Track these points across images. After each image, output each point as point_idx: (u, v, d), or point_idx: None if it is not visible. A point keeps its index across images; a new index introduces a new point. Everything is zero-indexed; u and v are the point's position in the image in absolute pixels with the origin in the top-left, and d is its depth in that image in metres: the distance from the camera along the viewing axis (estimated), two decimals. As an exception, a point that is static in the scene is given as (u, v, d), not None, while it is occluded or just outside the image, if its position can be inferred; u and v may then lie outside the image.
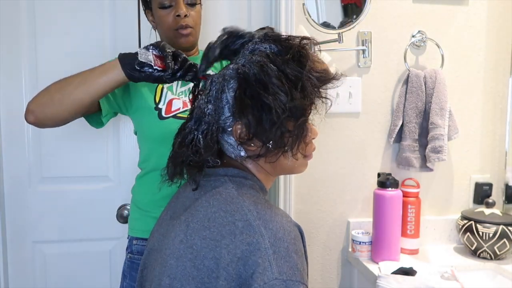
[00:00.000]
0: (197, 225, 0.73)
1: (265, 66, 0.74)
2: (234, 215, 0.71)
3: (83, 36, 1.45)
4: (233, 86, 0.76)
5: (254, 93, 0.73)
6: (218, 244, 0.69)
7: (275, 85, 0.72)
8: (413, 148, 1.51)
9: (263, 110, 0.73)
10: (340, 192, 1.56)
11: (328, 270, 1.58)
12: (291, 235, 0.71)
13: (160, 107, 1.15)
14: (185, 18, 1.16)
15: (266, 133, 0.74)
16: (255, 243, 0.67)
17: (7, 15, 1.40)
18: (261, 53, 0.77)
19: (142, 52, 0.97)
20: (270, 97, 0.72)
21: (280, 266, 0.66)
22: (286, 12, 1.44)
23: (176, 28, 1.17)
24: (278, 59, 0.75)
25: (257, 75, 0.73)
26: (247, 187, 0.78)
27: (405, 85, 1.52)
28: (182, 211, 0.80)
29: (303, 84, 0.74)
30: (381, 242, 1.42)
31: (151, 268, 0.81)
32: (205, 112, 0.78)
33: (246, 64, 0.76)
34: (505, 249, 1.42)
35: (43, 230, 1.48)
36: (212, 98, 0.78)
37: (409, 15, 1.54)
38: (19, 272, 1.48)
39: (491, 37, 1.59)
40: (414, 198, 1.49)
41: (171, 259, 0.73)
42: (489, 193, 1.61)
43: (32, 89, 1.42)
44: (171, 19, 1.16)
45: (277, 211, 0.74)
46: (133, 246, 1.21)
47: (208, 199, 0.76)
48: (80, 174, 1.50)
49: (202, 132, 0.77)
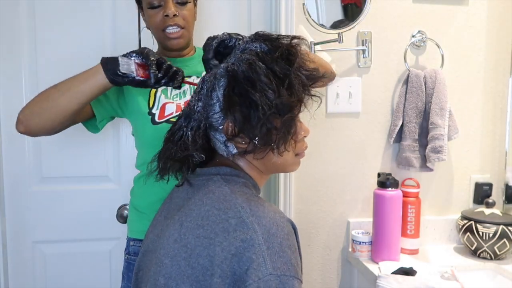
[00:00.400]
0: (191, 224, 0.73)
1: (253, 64, 0.74)
2: (227, 213, 0.72)
3: (83, 36, 1.45)
4: (223, 84, 0.77)
5: (242, 90, 0.74)
6: (212, 242, 0.70)
7: (263, 82, 0.73)
8: (413, 148, 1.51)
9: (251, 107, 0.74)
10: (340, 192, 1.56)
11: (328, 270, 1.58)
12: (284, 230, 0.72)
13: (153, 112, 1.13)
14: (174, 18, 1.12)
15: (253, 129, 0.75)
16: (248, 240, 0.68)
17: (7, 15, 1.40)
18: (251, 52, 0.77)
19: (123, 62, 0.95)
20: (257, 94, 0.73)
21: (274, 262, 0.67)
22: (286, 12, 1.44)
23: (163, 28, 1.13)
24: (267, 57, 0.76)
25: (245, 73, 0.74)
26: (239, 185, 0.79)
27: (405, 85, 1.52)
28: (176, 211, 0.80)
29: (290, 82, 0.75)
30: (381, 242, 1.42)
31: (146, 270, 0.81)
32: (195, 109, 0.79)
33: (236, 62, 0.77)
34: (505, 249, 1.42)
35: (43, 230, 1.48)
36: (203, 96, 0.79)
37: (409, 15, 1.54)
38: (19, 272, 1.48)
39: (491, 37, 1.59)
40: (414, 198, 1.49)
41: (166, 258, 0.74)
42: (489, 193, 1.61)
43: (32, 89, 1.42)
44: (159, 19, 1.13)
45: (269, 208, 0.75)
46: (130, 247, 1.21)
47: (201, 198, 0.77)
48: (80, 174, 1.50)
49: (191, 129, 0.79)
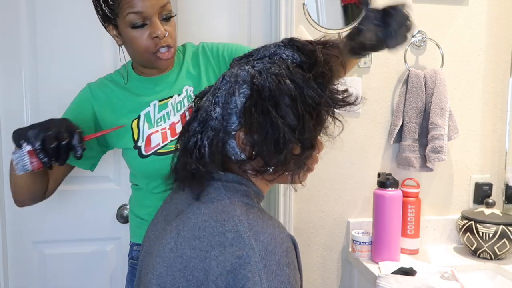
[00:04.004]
0: (188, 234, 0.71)
1: (282, 82, 0.69)
2: (224, 225, 0.69)
3: (83, 36, 1.45)
4: (244, 92, 0.72)
5: (265, 109, 0.69)
6: (208, 255, 0.67)
7: (288, 106, 0.69)
8: (413, 148, 1.51)
9: (271, 131, 0.69)
10: (340, 192, 1.56)
11: (328, 270, 1.58)
12: (283, 247, 0.68)
13: (139, 145, 1.07)
14: (165, 38, 1.01)
15: (270, 155, 0.71)
16: (245, 257, 0.65)
17: (7, 15, 1.40)
18: (281, 62, 0.72)
19: (15, 158, 0.85)
20: (280, 120, 0.69)
21: (271, 281, 0.64)
22: (286, 12, 1.44)
23: (155, 51, 1.01)
24: (298, 74, 0.71)
25: (272, 92, 0.69)
26: (240, 194, 0.75)
27: (405, 85, 1.52)
28: (174, 216, 0.78)
29: (318, 113, 0.71)
30: (381, 242, 1.42)
31: (144, 272, 0.80)
32: (212, 115, 0.74)
33: (263, 73, 0.71)
34: (505, 249, 1.42)
35: (43, 230, 1.48)
36: (221, 99, 0.73)
37: (409, 15, 1.54)
38: (19, 272, 1.48)
39: (491, 37, 1.59)
40: (414, 198, 1.49)
41: (161, 267, 0.72)
42: (489, 193, 1.61)
43: (32, 89, 1.42)
44: (147, 41, 1.00)
45: (269, 222, 0.71)
46: (133, 252, 1.20)
47: (199, 206, 0.74)
48: (80, 174, 1.49)
49: (208, 138, 0.74)
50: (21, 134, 0.87)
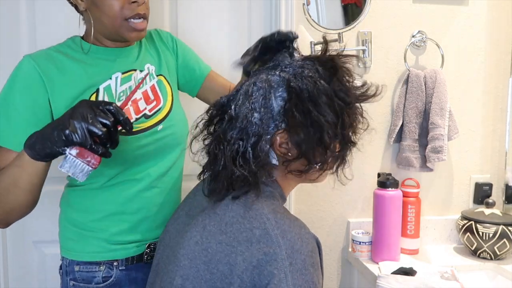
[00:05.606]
0: (214, 228, 0.73)
1: (318, 83, 0.74)
2: (252, 222, 0.71)
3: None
4: (281, 95, 0.75)
5: (306, 109, 0.73)
6: (234, 250, 0.69)
7: (326, 104, 0.73)
8: (413, 148, 1.51)
9: (314, 130, 0.73)
10: (340, 192, 1.56)
11: (328, 270, 1.58)
12: (309, 247, 0.70)
13: None
14: (142, 6, 0.94)
15: (316, 153, 0.74)
16: (272, 253, 0.67)
17: (7, 15, 1.40)
18: (311, 66, 0.76)
19: (66, 165, 0.78)
20: (322, 118, 0.73)
21: (296, 279, 0.66)
22: (286, 12, 1.44)
23: (128, 17, 0.93)
24: (328, 75, 0.76)
25: (310, 92, 0.73)
26: (266, 195, 0.77)
27: (405, 85, 1.52)
28: (199, 211, 0.80)
29: (351, 109, 0.77)
30: (381, 242, 1.42)
31: (163, 265, 0.81)
32: (252, 121, 0.74)
33: (298, 77, 0.75)
34: (505, 249, 1.42)
35: (43, 230, 1.48)
36: (257, 105, 0.75)
37: (409, 15, 1.54)
38: (19, 272, 1.47)
39: (491, 37, 1.59)
40: (414, 198, 1.49)
41: (185, 259, 0.73)
42: (489, 193, 1.61)
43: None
44: (122, 5, 0.92)
45: (295, 222, 0.74)
46: (76, 272, 0.99)
47: (227, 203, 0.76)
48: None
49: (251, 145, 0.74)
50: (51, 141, 0.78)
